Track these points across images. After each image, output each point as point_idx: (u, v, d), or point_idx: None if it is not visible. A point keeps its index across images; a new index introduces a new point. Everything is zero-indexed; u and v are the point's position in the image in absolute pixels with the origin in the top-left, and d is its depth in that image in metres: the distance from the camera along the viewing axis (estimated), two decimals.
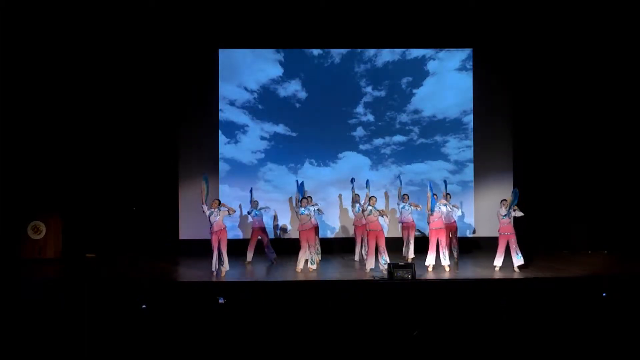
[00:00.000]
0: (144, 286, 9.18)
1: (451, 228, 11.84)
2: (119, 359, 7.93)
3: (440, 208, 11.27)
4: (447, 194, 11.90)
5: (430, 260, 11.19)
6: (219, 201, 10.79)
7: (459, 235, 12.12)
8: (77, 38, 13.13)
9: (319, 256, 11.91)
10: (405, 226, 12.16)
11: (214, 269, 10.51)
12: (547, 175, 13.65)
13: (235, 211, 10.98)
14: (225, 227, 10.68)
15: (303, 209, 11.14)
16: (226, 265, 10.66)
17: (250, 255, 12.16)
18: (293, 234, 13.15)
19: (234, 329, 8.21)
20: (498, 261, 10.93)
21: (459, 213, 11.97)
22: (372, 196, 11.00)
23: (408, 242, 12.09)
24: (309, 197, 11.79)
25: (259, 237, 12.17)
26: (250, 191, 12.55)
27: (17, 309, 8.75)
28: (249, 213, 12.35)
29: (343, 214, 13.68)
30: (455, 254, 11.85)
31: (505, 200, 11.06)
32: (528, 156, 13.66)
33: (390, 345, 7.99)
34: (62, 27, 12.96)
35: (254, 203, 12.31)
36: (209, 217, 10.52)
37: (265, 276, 10.95)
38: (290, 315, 8.55)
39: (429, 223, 11.36)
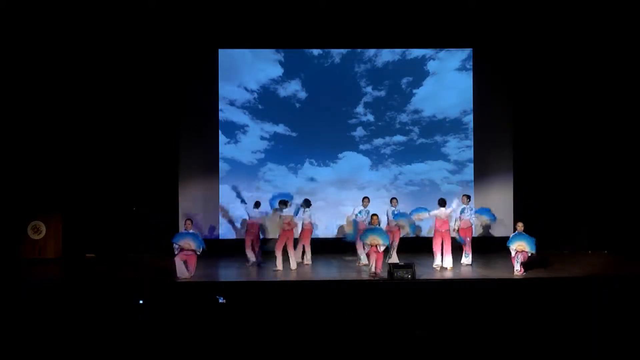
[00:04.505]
0: (144, 286, 9.16)
1: (468, 231, 11.82)
2: (118, 359, 7.93)
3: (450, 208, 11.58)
4: (465, 195, 12.02)
5: (438, 261, 11.33)
6: (191, 221, 10.82)
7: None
8: (77, 38, 13.12)
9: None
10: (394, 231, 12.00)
11: (179, 274, 10.41)
12: (547, 175, 13.64)
13: (198, 254, 10.60)
14: (194, 253, 10.50)
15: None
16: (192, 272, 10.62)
17: (252, 255, 11.98)
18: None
19: (234, 329, 8.21)
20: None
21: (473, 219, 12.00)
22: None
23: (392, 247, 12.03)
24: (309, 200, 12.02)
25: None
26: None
27: (17, 309, 8.75)
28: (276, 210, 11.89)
29: (342, 214, 13.65)
30: (467, 257, 11.86)
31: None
32: (528, 156, 13.64)
33: (390, 346, 7.98)
34: (63, 26, 12.96)
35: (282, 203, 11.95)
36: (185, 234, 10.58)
37: (265, 276, 10.95)
38: (290, 315, 8.55)
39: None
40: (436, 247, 11.48)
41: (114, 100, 13.39)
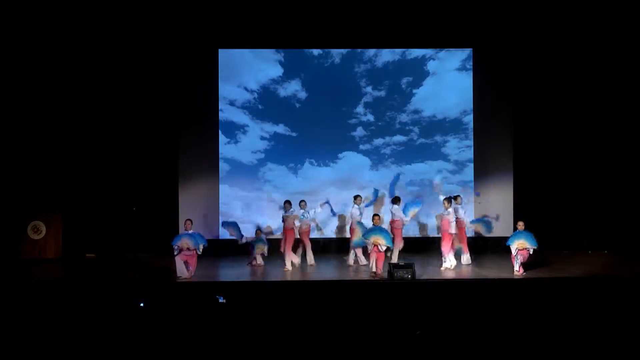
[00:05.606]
0: (144, 286, 9.17)
1: (462, 232, 11.82)
2: (118, 359, 7.94)
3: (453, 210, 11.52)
4: (458, 196, 12.02)
5: (451, 261, 11.35)
6: (191, 222, 10.68)
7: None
8: (77, 37, 13.12)
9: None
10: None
11: (180, 274, 10.32)
12: (547, 175, 13.64)
13: (199, 253, 10.50)
14: (195, 253, 10.42)
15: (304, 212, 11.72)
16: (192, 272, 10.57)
17: (297, 259, 11.73)
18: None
19: (234, 329, 8.21)
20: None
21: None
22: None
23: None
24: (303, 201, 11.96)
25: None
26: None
27: (17, 309, 8.75)
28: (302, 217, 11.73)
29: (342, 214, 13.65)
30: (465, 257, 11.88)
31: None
32: (528, 156, 13.64)
33: (390, 345, 7.99)
34: (63, 26, 12.96)
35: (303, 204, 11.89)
36: (183, 235, 10.48)
37: (265, 276, 10.95)
38: (290, 315, 8.56)
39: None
40: (444, 248, 11.43)
41: (114, 100, 13.40)
